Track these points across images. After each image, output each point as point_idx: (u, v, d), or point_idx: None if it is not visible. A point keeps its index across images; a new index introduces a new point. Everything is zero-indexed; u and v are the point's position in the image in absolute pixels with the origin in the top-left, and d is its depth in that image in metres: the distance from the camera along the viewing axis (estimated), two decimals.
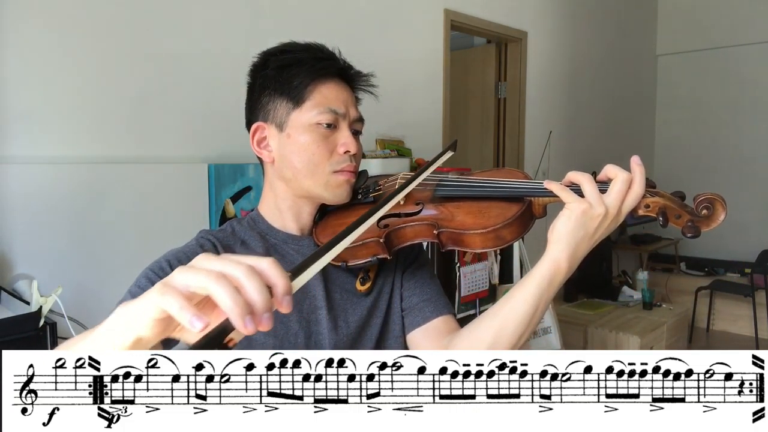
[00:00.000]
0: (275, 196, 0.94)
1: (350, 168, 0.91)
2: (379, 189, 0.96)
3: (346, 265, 0.90)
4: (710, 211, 0.76)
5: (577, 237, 0.77)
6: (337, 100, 0.90)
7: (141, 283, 0.80)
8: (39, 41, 1.79)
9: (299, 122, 0.89)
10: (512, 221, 0.81)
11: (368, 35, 2.80)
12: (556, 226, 0.78)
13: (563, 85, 4.28)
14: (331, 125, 0.89)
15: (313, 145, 0.88)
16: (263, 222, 0.95)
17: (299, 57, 0.89)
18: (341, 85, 0.92)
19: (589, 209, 0.75)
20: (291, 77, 0.88)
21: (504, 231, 0.81)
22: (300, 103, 0.88)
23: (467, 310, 2.58)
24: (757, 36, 4.93)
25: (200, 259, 0.49)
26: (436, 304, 0.96)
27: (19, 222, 1.73)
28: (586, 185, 0.77)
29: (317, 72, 0.89)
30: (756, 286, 4.22)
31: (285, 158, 0.90)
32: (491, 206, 0.84)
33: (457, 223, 0.84)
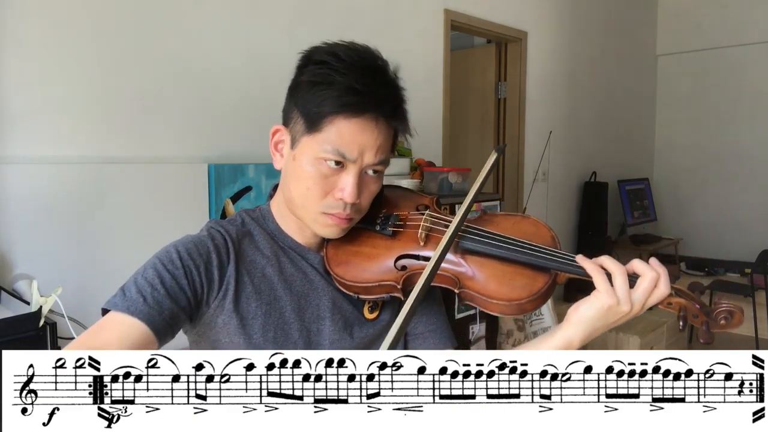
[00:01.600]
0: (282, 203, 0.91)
1: (341, 215, 0.83)
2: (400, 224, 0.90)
3: (357, 297, 0.88)
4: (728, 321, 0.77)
5: (596, 325, 0.78)
6: (352, 143, 0.80)
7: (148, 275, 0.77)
8: (39, 41, 1.79)
9: (307, 150, 0.82)
10: (538, 296, 0.80)
11: (368, 35, 2.79)
12: (580, 309, 0.77)
13: (563, 85, 4.28)
14: (340, 164, 0.81)
15: (310, 180, 0.82)
16: (273, 222, 0.92)
17: (333, 78, 0.79)
18: (367, 126, 0.80)
19: (616, 305, 0.75)
20: (316, 99, 0.79)
21: (527, 305, 0.80)
22: (314, 132, 0.81)
23: (467, 310, 2.58)
24: (757, 36, 4.93)
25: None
26: (441, 336, 0.95)
27: (19, 222, 1.73)
28: (618, 279, 0.76)
29: (341, 107, 0.78)
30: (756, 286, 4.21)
31: (287, 178, 0.87)
32: (517, 273, 0.81)
33: (479, 287, 0.81)
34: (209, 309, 0.82)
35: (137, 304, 0.74)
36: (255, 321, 0.83)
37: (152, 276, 0.77)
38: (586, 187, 4.52)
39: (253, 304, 0.84)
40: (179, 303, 0.77)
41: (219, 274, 0.82)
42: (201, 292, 0.80)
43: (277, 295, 0.86)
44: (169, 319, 0.75)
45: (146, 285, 0.76)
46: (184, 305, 0.78)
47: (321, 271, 0.90)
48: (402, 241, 0.88)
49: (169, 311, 0.75)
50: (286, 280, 0.87)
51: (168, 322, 0.75)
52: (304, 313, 0.87)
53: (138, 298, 0.75)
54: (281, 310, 0.86)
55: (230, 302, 0.82)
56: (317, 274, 0.90)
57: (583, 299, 0.78)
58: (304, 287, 0.88)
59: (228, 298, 0.82)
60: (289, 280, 0.88)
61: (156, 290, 0.76)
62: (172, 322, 0.76)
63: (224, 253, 0.84)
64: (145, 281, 0.77)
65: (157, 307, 0.75)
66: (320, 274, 0.90)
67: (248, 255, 0.87)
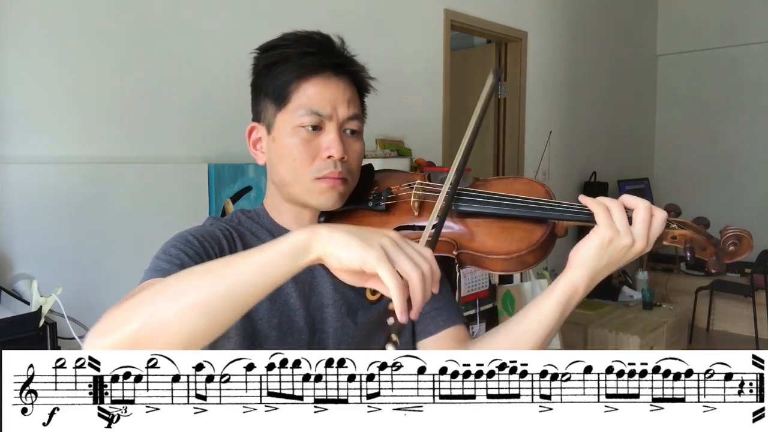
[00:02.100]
0: (273, 197, 0.92)
1: (334, 174, 0.83)
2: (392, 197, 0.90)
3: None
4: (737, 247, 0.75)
5: (600, 264, 0.75)
6: (322, 99, 0.82)
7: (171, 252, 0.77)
8: (39, 41, 1.79)
9: (283, 125, 0.84)
10: (537, 247, 0.78)
11: (368, 35, 2.80)
12: (580, 250, 0.75)
13: (563, 85, 4.28)
14: (317, 127, 0.83)
15: (294, 149, 0.83)
16: (267, 218, 0.92)
17: (287, 53, 0.83)
18: (331, 81, 0.84)
19: (616, 237, 0.73)
20: (276, 76, 0.83)
21: (527, 257, 0.78)
22: (283, 105, 0.83)
23: (467, 310, 2.58)
24: (757, 36, 4.92)
25: (406, 245, 0.61)
26: (449, 312, 0.94)
27: (19, 222, 1.73)
28: (616, 211, 0.74)
29: (301, 69, 0.82)
30: (756, 286, 4.21)
31: (272, 163, 0.87)
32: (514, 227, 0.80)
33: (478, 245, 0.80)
34: None
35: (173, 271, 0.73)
36: (260, 306, 0.82)
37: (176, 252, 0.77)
38: (586, 187, 4.51)
39: None
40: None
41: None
42: None
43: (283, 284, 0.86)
44: None
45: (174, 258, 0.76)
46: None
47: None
48: (396, 214, 0.88)
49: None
50: None
51: None
52: (308, 300, 0.87)
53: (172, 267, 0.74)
54: (286, 297, 0.85)
55: None
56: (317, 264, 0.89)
57: (582, 240, 0.76)
58: (307, 275, 0.88)
59: None
60: None
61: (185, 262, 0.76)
62: None
63: (231, 241, 0.85)
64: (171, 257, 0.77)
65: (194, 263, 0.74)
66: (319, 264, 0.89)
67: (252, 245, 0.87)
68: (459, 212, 0.83)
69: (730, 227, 0.75)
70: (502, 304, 2.86)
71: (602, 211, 0.74)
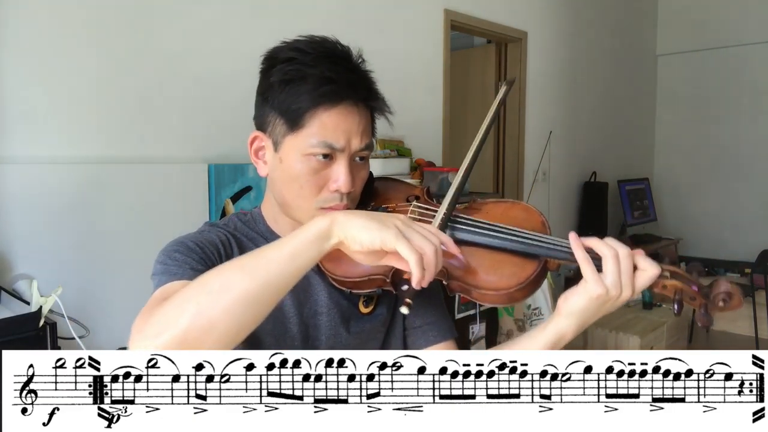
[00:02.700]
0: (272, 206, 0.91)
1: (339, 207, 0.83)
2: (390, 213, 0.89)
3: (350, 292, 0.87)
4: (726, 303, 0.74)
5: (588, 314, 0.76)
6: (337, 131, 0.80)
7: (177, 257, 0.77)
8: (39, 41, 1.79)
9: (293, 149, 0.81)
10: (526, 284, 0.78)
11: (368, 35, 2.80)
12: (570, 300, 0.76)
13: (563, 85, 4.28)
14: (328, 156, 0.81)
15: (302, 177, 0.81)
16: (263, 224, 0.93)
17: (304, 73, 0.79)
18: (347, 111, 0.81)
19: (605, 294, 0.73)
20: (291, 97, 0.79)
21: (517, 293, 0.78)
22: (296, 129, 0.80)
23: (467, 310, 2.58)
24: (757, 36, 4.92)
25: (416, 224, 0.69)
26: (440, 328, 0.94)
27: (19, 222, 1.73)
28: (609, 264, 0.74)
29: (319, 98, 0.79)
30: (756, 286, 4.21)
31: (276, 182, 0.86)
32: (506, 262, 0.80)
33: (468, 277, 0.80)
34: None
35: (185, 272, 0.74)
36: None
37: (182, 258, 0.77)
38: (586, 187, 4.51)
39: None
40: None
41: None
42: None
43: None
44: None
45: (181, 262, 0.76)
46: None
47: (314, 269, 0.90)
48: None
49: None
50: None
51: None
52: (303, 307, 0.88)
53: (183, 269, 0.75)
54: (281, 303, 0.85)
55: None
56: (312, 271, 0.90)
57: (571, 289, 0.76)
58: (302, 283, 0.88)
59: None
60: None
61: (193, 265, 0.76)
62: None
63: (228, 247, 0.85)
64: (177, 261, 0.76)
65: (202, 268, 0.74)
66: (314, 271, 0.90)
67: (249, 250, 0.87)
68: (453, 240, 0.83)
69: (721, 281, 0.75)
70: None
71: (589, 269, 0.74)
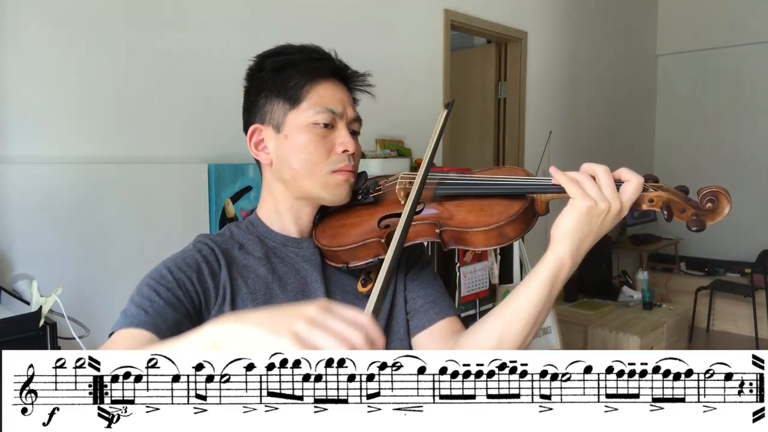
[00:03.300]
0: (274, 199, 0.93)
1: (348, 167, 0.90)
2: (379, 189, 0.94)
3: (347, 267, 0.89)
4: (714, 204, 0.76)
5: (581, 234, 0.77)
6: (333, 99, 0.89)
7: (144, 291, 0.79)
8: (39, 41, 1.79)
9: (296, 123, 0.88)
10: (515, 218, 0.80)
11: (368, 35, 2.80)
12: (560, 222, 0.77)
13: (563, 85, 4.28)
14: (329, 125, 0.88)
15: (310, 144, 0.87)
16: (261, 225, 0.94)
17: (294, 58, 0.89)
18: (338, 85, 0.91)
19: (593, 206, 0.75)
20: (287, 78, 0.88)
21: (507, 228, 0.81)
22: (296, 104, 0.88)
23: (467, 310, 2.58)
24: (757, 36, 4.93)
25: (324, 315, 0.52)
26: (441, 305, 0.95)
27: (19, 222, 1.73)
28: (586, 182, 0.77)
29: (313, 72, 0.88)
30: (756, 286, 4.21)
31: (283, 159, 0.89)
32: (493, 204, 0.83)
33: (458, 221, 0.83)
34: (210, 316, 0.83)
35: (140, 317, 0.76)
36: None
37: (148, 292, 0.79)
38: None
39: (249, 305, 0.85)
40: (179, 311, 0.79)
41: (213, 281, 0.84)
42: (199, 301, 0.82)
43: (273, 294, 0.87)
44: (173, 326, 0.76)
45: (144, 300, 0.78)
46: (184, 313, 0.79)
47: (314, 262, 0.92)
48: (384, 205, 0.92)
49: (172, 319, 0.77)
50: (280, 278, 0.89)
51: (172, 329, 0.76)
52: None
53: (139, 312, 0.77)
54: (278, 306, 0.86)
55: (228, 307, 0.83)
56: (311, 269, 0.91)
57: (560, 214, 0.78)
58: (299, 283, 0.90)
59: (227, 303, 0.84)
60: (283, 279, 0.89)
61: (154, 302, 0.78)
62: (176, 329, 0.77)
63: (214, 261, 0.86)
64: (143, 298, 0.79)
65: (159, 316, 0.76)
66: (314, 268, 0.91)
67: (240, 260, 0.89)
68: (440, 196, 0.88)
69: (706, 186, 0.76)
70: None
71: (573, 185, 0.77)
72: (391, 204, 0.91)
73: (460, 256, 2.46)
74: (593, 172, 0.78)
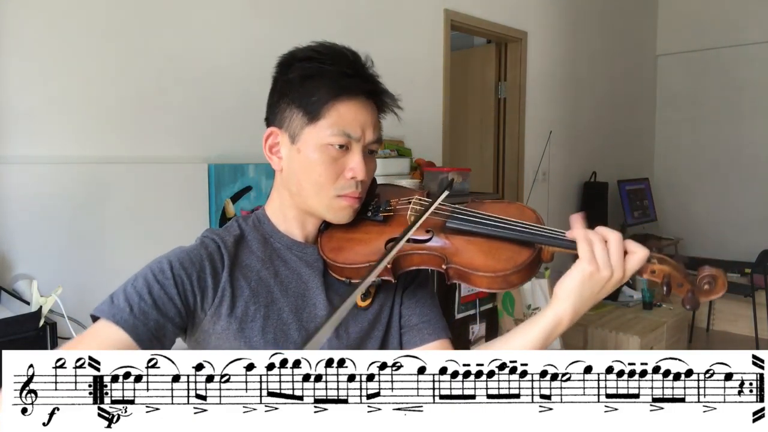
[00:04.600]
0: (281, 202, 0.93)
1: (355, 194, 0.88)
2: (390, 209, 0.94)
3: (349, 282, 0.90)
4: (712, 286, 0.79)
5: (583, 296, 0.79)
6: (354, 122, 0.86)
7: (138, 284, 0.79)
8: (39, 41, 1.79)
9: (311, 139, 0.86)
10: (522, 268, 0.82)
11: (368, 35, 2.80)
12: (564, 283, 0.79)
13: (563, 85, 4.28)
14: (343, 146, 0.86)
15: (320, 165, 0.86)
16: (268, 223, 0.94)
17: (324, 69, 0.85)
18: (362, 105, 0.88)
19: (596, 271, 0.77)
20: (311, 90, 0.85)
21: (512, 276, 0.82)
22: (315, 120, 0.85)
23: (467, 310, 2.58)
24: (757, 36, 4.92)
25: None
26: (435, 327, 0.96)
27: (19, 222, 1.73)
28: (597, 246, 0.78)
29: (339, 90, 0.85)
30: (756, 286, 4.21)
31: (293, 172, 0.89)
32: (502, 248, 0.84)
33: (466, 261, 0.84)
34: (206, 316, 0.83)
35: (123, 313, 0.75)
36: (254, 323, 0.84)
37: (141, 285, 0.79)
38: (586, 187, 4.52)
39: (251, 307, 0.85)
40: (167, 313, 0.78)
41: (213, 281, 0.84)
42: (193, 301, 0.82)
43: (275, 297, 0.87)
44: (154, 330, 0.76)
45: (134, 294, 0.78)
46: (173, 315, 0.79)
47: (316, 268, 0.92)
48: (392, 226, 0.92)
49: (154, 322, 0.77)
50: (281, 282, 0.89)
51: (153, 333, 0.76)
52: (301, 313, 0.89)
53: (125, 307, 0.76)
54: (279, 311, 0.87)
55: (227, 308, 0.83)
56: (312, 274, 0.91)
57: (565, 273, 0.80)
58: (300, 287, 0.90)
59: (225, 305, 0.83)
60: (284, 282, 0.89)
61: (143, 300, 0.77)
62: (157, 333, 0.77)
63: (218, 260, 0.86)
64: (134, 290, 0.78)
65: (142, 317, 0.76)
66: (315, 273, 0.91)
67: (243, 259, 0.88)
68: (451, 229, 0.87)
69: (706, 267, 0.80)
70: (502, 305, 2.86)
71: (585, 245, 0.78)
72: (399, 226, 0.91)
73: None
74: (606, 237, 0.79)
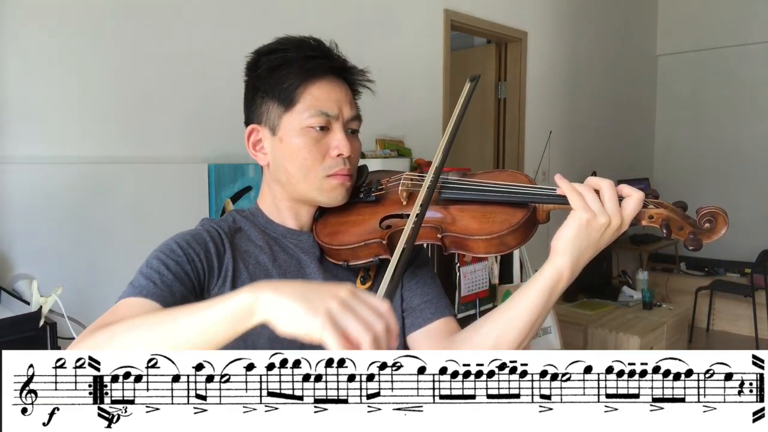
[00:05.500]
0: (273, 196, 0.94)
1: (343, 171, 0.88)
2: (382, 188, 0.95)
3: (347, 264, 0.90)
4: (712, 224, 0.77)
5: (581, 246, 0.78)
6: (328, 100, 0.87)
7: (153, 264, 0.79)
8: (39, 41, 1.79)
9: (290, 126, 0.87)
10: (517, 228, 0.81)
11: (368, 35, 2.80)
12: (561, 234, 0.78)
13: (563, 85, 4.28)
14: (324, 128, 0.87)
15: (304, 149, 0.86)
16: (262, 216, 0.94)
17: (289, 56, 0.86)
18: (334, 83, 0.88)
19: (593, 218, 0.76)
20: (281, 79, 0.86)
21: (508, 237, 0.81)
22: (290, 107, 0.86)
23: (467, 310, 2.58)
24: (757, 36, 4.92)
25: (358, 304, 0.55)
26: (438, 305, 0.96)
27: (19, 222, 1.73)
28: (588, 194, 0.77)
29: (308, 72, 0.86)
30: (756, 286, 4.21)
31: (279, 163, 0.89)
32: (496, 211, 0.84)
33: (461, 228, 0.84)
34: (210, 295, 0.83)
35: (148, 287, 0.76)
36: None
37: (157, 265, 0.79)
38: None
39: None
40: (187, 287, 0.79)
41: (218, 262, 0.85)
42: (204, 279, 0.83)
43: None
44: (180, 300, 0.76)
45: (154, 272, 0.78)
46: (191, 289, 0.80)
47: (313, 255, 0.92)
48: (385, 204, 0.92)
49: (180, 293, 0.77)
50: (280, 266, 0.90)
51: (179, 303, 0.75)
52: None
53: (148, 284, 0.76)
54: None
55: (228, 289, 0.84)
56: (310, 260, 0.92)
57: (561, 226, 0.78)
58: (299, 274, 0.91)
59: (227, 286, 0.84)
60: (283, 267, 0.90)
61: (164, 275, 0.78)
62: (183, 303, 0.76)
63: (220, 244, 0.87)
64: (152, 270, 0.78)
65: (167, 289, 0.76)
66: (312, 259, 0.92)
67: (241, 246, 0.89)
68: (444, 200, 0.87)
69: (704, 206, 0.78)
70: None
71: (576, 196, 0.77)
72: (392, 204, 0.91)
73: (461, 256, 2.46)
74: (597, 185, 0.78)
